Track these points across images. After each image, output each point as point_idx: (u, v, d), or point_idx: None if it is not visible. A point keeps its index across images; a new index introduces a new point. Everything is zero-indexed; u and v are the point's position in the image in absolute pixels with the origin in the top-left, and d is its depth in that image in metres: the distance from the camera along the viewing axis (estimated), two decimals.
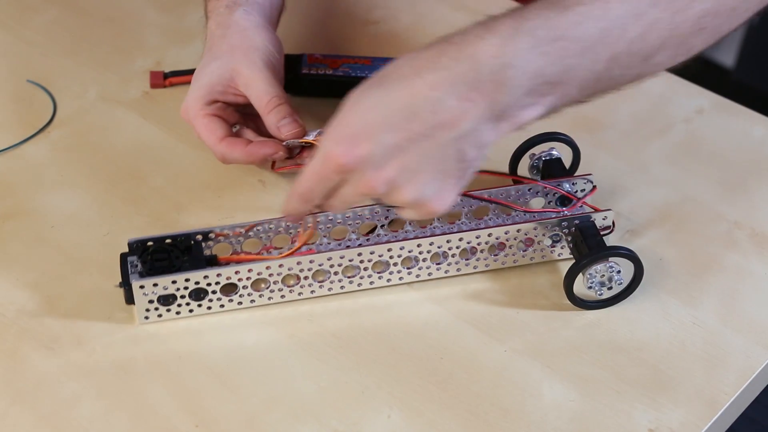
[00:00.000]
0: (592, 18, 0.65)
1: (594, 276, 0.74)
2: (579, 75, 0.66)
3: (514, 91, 0.64)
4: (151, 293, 0.73)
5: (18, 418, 0.69)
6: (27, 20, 1.01)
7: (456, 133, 0.64)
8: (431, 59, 0.65)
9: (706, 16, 0.67)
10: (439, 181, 0.66)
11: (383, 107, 0.64)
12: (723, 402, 0.70)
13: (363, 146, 0.64)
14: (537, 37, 0.64)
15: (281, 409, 0.70)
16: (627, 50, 0.66)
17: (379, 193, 0.66)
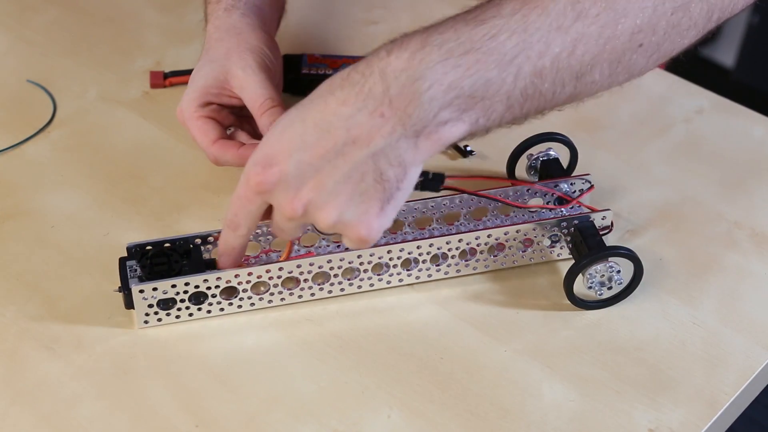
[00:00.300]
0: (508, 30, 0.63)
1: (594, 276, 0.74)
2: (501, 90, 0.64)
3: (428, 105, 0.63)
4: (151, 297, 0.72)
5: (18, 418, 0.69)
6: (27, 20, 1.01)
7: (370, 150, 0.63)
8: (343, 77, 0.64)
9: (639, 32, 0.66)
10: (359, 203, 0.65)
11: (298, 126, 0.65)
12: (723, 402, 0.70)
13: (277, 166, 0.65)
14: (447, 49, 0.63)
15: (281, 409, 0.70)
16: (553, 65, 0.64)
17: (299, 216, 0.66)
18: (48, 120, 0.90)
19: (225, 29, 0.83)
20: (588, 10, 0.64)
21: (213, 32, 0.83)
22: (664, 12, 0.66)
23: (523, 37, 0.63)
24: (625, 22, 0.65)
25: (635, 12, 0.65)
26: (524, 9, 0.64)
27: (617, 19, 0.64)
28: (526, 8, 0.64)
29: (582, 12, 0.64)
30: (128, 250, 0.74)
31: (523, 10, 0.64)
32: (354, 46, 0.97)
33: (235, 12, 0.84)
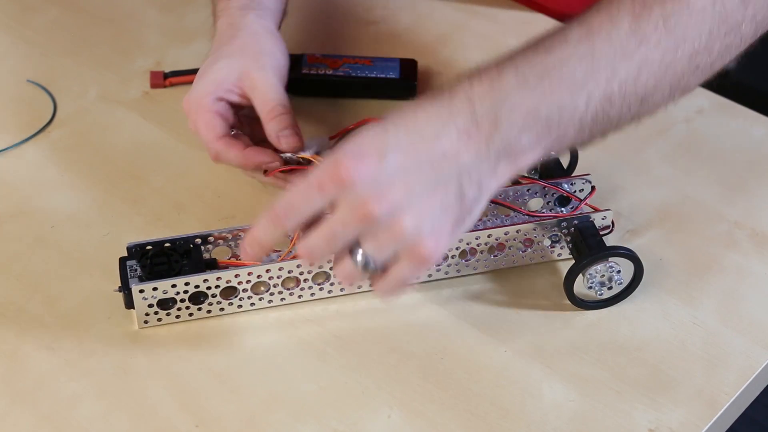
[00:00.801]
0: (576, 57, 0.65)
1: (594, 276, 0.74)
2: (575, 115, 0.66)
3: (510, 129, 0.64)
4: (151, 297, 0.72)
5: (18, 418, 0.69)
6: (27, 20, 1.01)
7: (457, 166, 0.64)
8: (429, 98, 0.65)
9: (697, 55, 0.68)
10: (439, 214, 0.64)
11: (391, 129, 0.64)
12: (723, 402, 0.70)
13: (371, 159, 0.62)
14: (523, 75, 0.65)
15: (281, 409, 0.70)
16: (621, 90, 0.66)
17: (377, 218, 0.62)
18: (48, 120, 0.90)
19: (240, 28, 0.82)
20: (649, 37, 0.66)
21: (226, 29, 0.83)
22: (719, 34, 0.68)
23: (591, 63, 0.65)
24: (684, 46, 0.67)
25: (693, 37, 0.67)
26: (590, 36, 0.66)
27: (677, 44, 0.67)
28: (592, 36, 0.66)
29: (644, 38, 0.66)
30: (128, 250, 0.74)
31: (589, 38, 0.66)
32: (354, 46, 0.97)
33: (251, 12, 0.84)
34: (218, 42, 0.83)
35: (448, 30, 1.00)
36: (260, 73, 0.80)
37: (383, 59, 0.93)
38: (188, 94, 0.81)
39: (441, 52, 0.97)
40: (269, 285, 0.74)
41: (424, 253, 0.64)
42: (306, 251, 0.65)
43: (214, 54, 0.83)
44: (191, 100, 0.81)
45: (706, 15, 0.67)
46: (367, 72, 0.92)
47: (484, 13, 1.01)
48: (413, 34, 0.99)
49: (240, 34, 0.82)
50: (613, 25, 0.66)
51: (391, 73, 0.92)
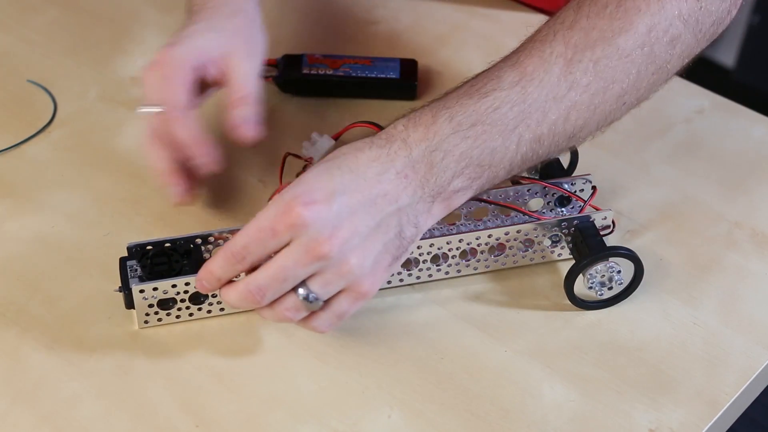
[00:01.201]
0: (509, 102, 0.69)
1: (594, 276, 0.74)
2: (506, 157, 0.69)
3: (444, 174, 0.68)
4: (151, 297, 0.72)
5: (18, 418, 0.69)
6: (27, 20, 1.01)
7: (396, 206, 0.67)
8: (367, 141, 0.69)
9: (625, 94, 0.71)
10: (380, 252, 0.67)
11: (335, 171, 0.67)
12: (723, 402, 0.70)
13: (321, 203, 0.65)
14: (456, 122, 0.68)
15: (281, 409, 0.70)
16: (550, 131, 0.70)
17: (329, 257, 0.65)
18: (48, 120, 0.90)
19: (234, 6, 0.81)
20: (579, 80, 0.70)
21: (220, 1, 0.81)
22: (646, 74, 0.71)
23: (523, 107, 0.69)
24: (613, 87, 0.70)
25: (621, 78, 0.70)
26: (522, 81, 0.69)
27: (606, 86, 0.70)
28: (524, 81, 0.69)
29: (574, 82, 0.69)
30: (128, 250, 0.74)
31: (522, 82, 0.69)
32: (354, 46, 0.97)
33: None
34: (210, 10, 0.80)
35: (448, 30, 1.00)
36: (249, 58, 0.79)
37: (383, 59, 0.93)
38: (167, 48, 0.77)
39: (441, 52, 0.97)
40: None
41: (363, 289, 0.68)
42: (256, 290, 0.67)
43: (201, 21, 0.79)
44: (171, 54, 0.77)
45: (635, 57, 0.70)
46: (367, 72, 0.92)
47: (484, 13, 1.01)
48: (413, 34, 0.99)
49: (235, 11, 0.80)
50: (545, 70, 0.69)
51: (392, 73, 0.92)
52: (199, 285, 0.70)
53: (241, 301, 0.68)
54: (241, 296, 0.68)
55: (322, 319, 0.69)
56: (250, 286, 0.67)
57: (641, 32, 0.70)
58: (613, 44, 0.70)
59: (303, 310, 0.68)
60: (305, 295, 0.67)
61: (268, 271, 0.66)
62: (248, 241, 0.66)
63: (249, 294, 0.67)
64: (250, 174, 0.85)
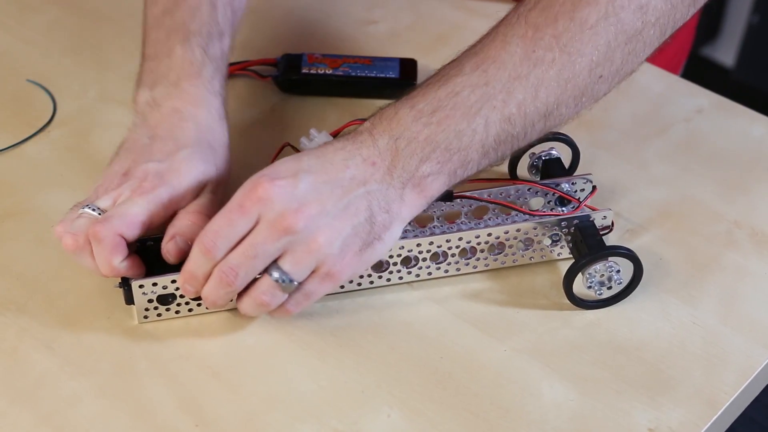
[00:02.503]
0: (470, 86, 0.69)
1: (593, 276, 0.74)
2: (474, 139, 0.69)
3: (410, 160, 0.69)
4: (151, 293, 0.73)
5: (18, 417, 0.69)
6: (27, 20, 1.01)
7: (365, 190, 0.68)
8: (336, 140, 0.70)
9: (597, 66, 0.71)
10: (350, 234, 0.68)
11: (303, 157, 0.69)
12: (723, 402, 0.70)
13: (285, 179, 0.67)
14: (417, 110, 0.69)
15: (281, 408, 0.70)
16: (520, 111, 0.70)
17: (297, 230, 0.66)
18: (48, 119, 0.90)
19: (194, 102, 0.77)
20: (543, 57, 0.69)
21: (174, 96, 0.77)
22: (617, 44, 0.70)
23: (485, 90, 0.69)
24: (581, 61, 0.70)
25: (590, 51, 0.70)
26: (483, 65, 0.70)
27: (573, 60, 0.70)
28: (485, 64, 0.70)
29: (538, 60, 0.69)
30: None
31: (482, 66, 0.70)
32: (354, 46, 0.97)
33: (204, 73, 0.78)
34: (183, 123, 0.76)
35: (448, 29, 1.00)
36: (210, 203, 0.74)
37: (383, 59, 0.93)
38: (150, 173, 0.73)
39: (441, 52, 0.96)
40: None
41: (333, 270, 0.68)
42: (228, 269, 0.68)
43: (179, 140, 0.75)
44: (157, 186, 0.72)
45: (600, 29, 0.70)
46: (366, 71, 0.92)
47: (484, 12, 1.01)
48: (413, 34, 0.99)
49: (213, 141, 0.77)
50: (506, 51, 0.70)
51: (391, 72, 0.92)
52: (183, 290, 0.71)
53: (216, 288, 0.69)
54: (215, 281, 0.68)
55: (293, 300, 0.69)
56: (222, 267, 0.68)
57: (603, 2, 0.70)
58: (575, 18, 0.69)
59: (278, 292, 0.69)
60: (278, 276, 0.68)
61: (238, 250, 0.67)
62: (218, 226, 0.67)
63: (222, 276, 0.68)
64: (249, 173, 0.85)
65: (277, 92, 0.93)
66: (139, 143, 0.76)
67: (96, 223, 0.71)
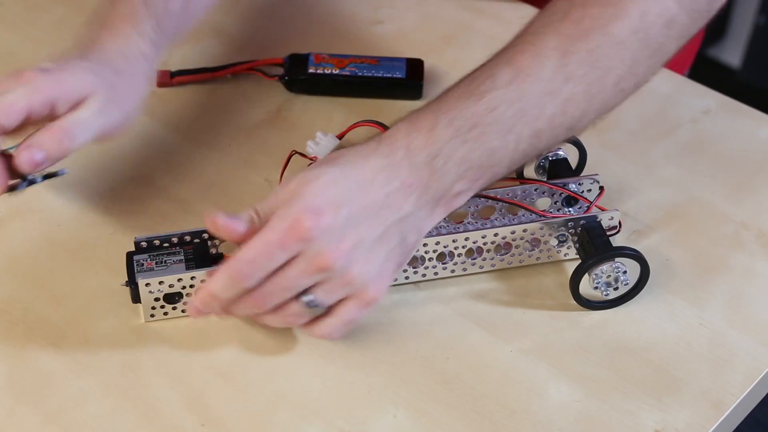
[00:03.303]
0: (506, 102, 0.69)
1: (600, 276, 0.74)
2: (505, 156, 0.70)
3: (446, 178, 0.69)
4: (157, 291, 0.73)
5: (24, 416, 0.69)
6: (34, 19, 1.01)
7: (399, 215, 0.68)
8: (372, 148, 0.69)
9: (621, 80, 0.71)
10: (383, 260, 0.68)
11: (342, 183, 0.67)
12: (729, 403, 0.70)
13: (329, 214, 0.66)
14: (455, 127, 0.68)
15: (287, 408, 0.70)
16: (548, 125, 0.70)
17: (338, 265, 0.66)
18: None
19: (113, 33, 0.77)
20: (575, 72, 0.69)
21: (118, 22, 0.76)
22: (642, 58, 0.71)
23: (519, 105, 0.69)
24: (609, 75, 0.70)
25: (617, 66, 0.70)
26: (517, 79, 0.69)
27: (602, 75, 0.70)
28: (519, 78, 0.69)
29: (569, 75, 0.69)
30: (135, 244, 0.74)
31: (516, 80, 0.69)
32: (360, 46, 0.97)
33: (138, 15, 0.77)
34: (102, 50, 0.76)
35: (455, 29, 1.00)
36: (95, 112, 0.72)
37: (389, 59, 0.93)
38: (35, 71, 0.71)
39: (447, 52, 0.97)
40: None
41: (369, 297, 0.68)
42: (261, 296, 0.67)
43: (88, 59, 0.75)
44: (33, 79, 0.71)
45: (630, 44, 0.70)
46: (373, 71, 0.92)
47: (491, 12, 1.01)
48: (420, 34, 0.99)
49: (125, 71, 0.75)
50: (539, 64, 0.69)
51: (398, 72, 0.92)
52: (191, 309, 0.70)
53: (243, 308, 0.69)
54: (246, 305, 0.68)
55: (330, 325, 0.69)
56: (256, 296, 0.67)
57: (634, 17, 0.70)
58: (607, 32, 0.69)
59: (306, 315, 0.69)
60: (308, 301, 0.68)
61: (273, 281, 0.67)
62: (255, 256, 0.66)
63: (254, 301, 0.68)
64: (256, 173, 0.85)
65: (284, 92, 0.93)
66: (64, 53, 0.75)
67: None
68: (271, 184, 0.84)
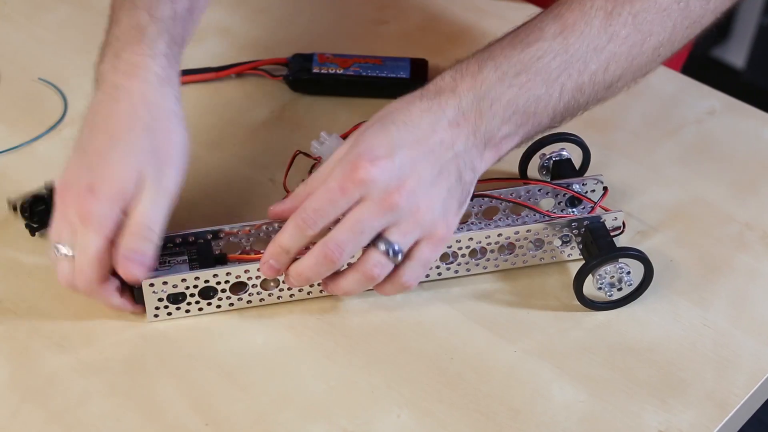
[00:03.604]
0: (552, 52, 0.71)
1: (603, 277, 0.74)
2: (549, 105, 0.72)
3: (492, 120, 0.70)
4: (161, 291, 0.73)
5: (29, 415, 0.69)
6: (38, 18, 1.01)
7: (453, 152, 0.70)
8: (416, 94, 0.71)
9: (660, 47, 0.74)
10: (446, 197, 0.69)
11: (391, 127, 0.69)
12: (733, 404, 0.70)
13: (385, 159, 0.68)
14: (502, 71, 0.71)
15: (291, 408, 0.70)
16: (591, 81, 0.72)
17: (400, 207, 0.67)
18: (59, 118, 0.91)
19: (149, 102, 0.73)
20: (618, 32, 0.72)
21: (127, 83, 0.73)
22: (681, 28, 0.74)
23: (565, 57, 0.71)
24: (650, 40, 0.73)
25: (658, 31, 0.73)
26: (564, 32, 0.72)
27: (644, 39, 0.73)
28: (566, 32, 0.72)
29: (614, 34, 0.72)
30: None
31: (564, 33, 0.72)
32: (365, 46, 0.97)
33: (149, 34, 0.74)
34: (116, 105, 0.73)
35: (459, 30, 1.00)
36: (154, 189, 0.71)
37: (394, 59, 0.93)
38: (81, 197, 0.70)
39: (451, 52, 0.96)
40: (279, 281, 0.74)
41: (440, 235, 0.70)
42: (335, 247, 0.68)
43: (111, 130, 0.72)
44: (92, 211, 0.69)
45: (672, 12, 0.73)
46: (377, 71, 0.92)
47: (495, 12, 1.01)
48: (424, 34, 0.99)
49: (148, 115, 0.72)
50: (585, 22, 0.72)
51: (402, 72, 0.92)
52: (265, 268, 0.71)
53: (317, 264, 0.69)
54: (318, 259, 0.69)
55: (413, 269, 0.70)
56: (328, 244, 0.68)
57: None
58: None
59: (387, 264, 0.69)
60: (386, 248, 0.69)
61: (344, 226, 0.68)
62: (320, 204, 0.68)
63: (327, 253, 0.68)
64: (260, 172, 0.86)
65: (288, 92, 0.93)
66: (80, 144, 0.74)
67: (75, 280, 0.71)
68: (276, 184, 0.84)
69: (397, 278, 0.70)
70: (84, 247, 0.70)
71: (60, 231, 0.71)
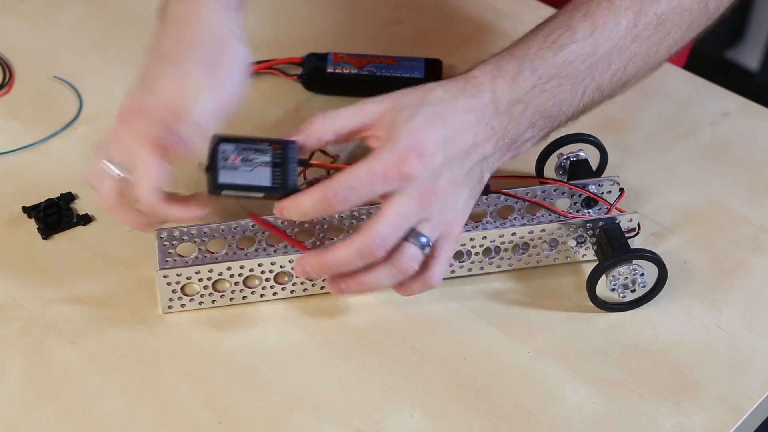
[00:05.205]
0: (582, 55, 0.72)
1: (617, 278, 0.74)
2: (571, 107, 0.73)
3: (521, 125, 0.71)
4: (175, 283, 0.73)
5: (42, 412, 0.69)
6: (54, 16, 1.01)
7: (482, 155, 0.71)
8: (460, 87, 0.71)
9: (675, 45, 0.75)
10: (467, 198, 0.71)
11: (439, 123, 0.69)
12: (747, 407, 0.70)
13: (431, 156, 0.68)
14: (538, 75, 0.71)
15: (304, 407, 0.70)
16: (610, 81, 0.73)
17: (433, 203, 0.68)
18: (74, 116, 0.91)
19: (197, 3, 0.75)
20: (641, 34, 0.73)
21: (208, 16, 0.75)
22: (697, 25, 0.75)
23: (592, 60, 0.72)
24: (667, 39, 0.74)
25: (676, 30, 0.74)
26: (594, 33, 0.72)
27: (661, 38, 0.74)
28: (596, 33, 0.72)
29: (637, 36, 0.73)
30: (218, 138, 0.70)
31: (594, 34, 0.72)
32: (379, 46, 0.97)
33: None
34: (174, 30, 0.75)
35: (474, 30, 1.00)
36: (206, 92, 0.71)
37: (408, 59, 0.93)
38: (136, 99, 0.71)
39: (466, 52, 0.97)
40: (292, 275, 0.74)
41: (456, 231, 0.71)
42: (380, 241, 0.68)
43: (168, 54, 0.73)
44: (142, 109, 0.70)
45: (692, 10, 0.74)
46: (392, 71, 0.92)
47: (510, 12, 1.01)
48: (439, 34, 0.99)
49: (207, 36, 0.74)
50: (614, 20, 0.72)
51: (416, 72, 0.92)
52: (278, 212, 0.69)
53: (357, 258, 0.68)
54: (360, 251, 0.68)
55: (440, 267, 0.70)
56: (373, 237, 0.67)
57: None
58: None
59: (419, 258, 0.69)
60: (423, 242, 0.69)
61: (388, 220, 0.68)
62: (357, 183, 0.67)
63: (371, 245, 0.68)
64: None
65: (302, 91, 0.93)
66: (141, 73, 0.73)
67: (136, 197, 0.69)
68: None
69: (425, 276, 0.70)
70: (143, 169, 0.69)
71: (112, 151, 0.71)
